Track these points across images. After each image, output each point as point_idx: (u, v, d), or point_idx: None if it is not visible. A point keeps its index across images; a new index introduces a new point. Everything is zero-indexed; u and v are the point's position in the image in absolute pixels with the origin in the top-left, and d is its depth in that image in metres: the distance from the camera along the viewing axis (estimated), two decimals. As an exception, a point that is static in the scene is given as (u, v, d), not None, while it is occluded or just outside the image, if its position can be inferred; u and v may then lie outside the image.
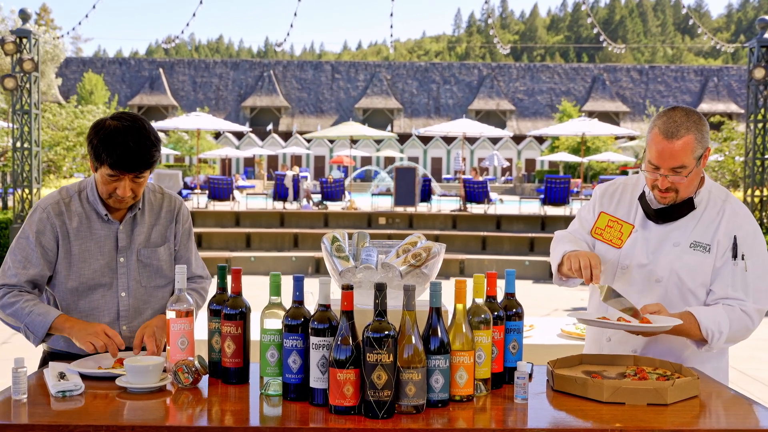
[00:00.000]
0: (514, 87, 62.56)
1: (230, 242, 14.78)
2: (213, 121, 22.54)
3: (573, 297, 11.51)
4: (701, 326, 2.35)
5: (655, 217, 2.54)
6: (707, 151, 2.43)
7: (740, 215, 2.49)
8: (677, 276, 2.47)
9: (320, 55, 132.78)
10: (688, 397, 2.12)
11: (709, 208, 2.52)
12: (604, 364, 2.39)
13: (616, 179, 2.76)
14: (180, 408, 2.06)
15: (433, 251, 2.39)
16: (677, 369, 2.28)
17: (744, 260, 2.42)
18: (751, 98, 12.14)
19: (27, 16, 12.66)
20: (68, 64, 59.10)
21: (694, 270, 2.46)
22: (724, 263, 2.43)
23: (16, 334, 7.32)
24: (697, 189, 2.51)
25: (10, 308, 2.52)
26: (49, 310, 2.51)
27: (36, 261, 2.57)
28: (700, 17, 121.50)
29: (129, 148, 2.44)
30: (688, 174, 2.40)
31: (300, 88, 62.60)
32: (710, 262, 2.45)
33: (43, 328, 2.47)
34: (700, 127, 2.40)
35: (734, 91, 60.04)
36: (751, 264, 2.42)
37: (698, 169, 2.43)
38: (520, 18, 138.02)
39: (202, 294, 2.82)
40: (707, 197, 2.53)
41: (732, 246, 2.43)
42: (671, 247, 2.50)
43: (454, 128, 21.75)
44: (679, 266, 2.47)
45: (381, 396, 1.91)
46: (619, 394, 2.06)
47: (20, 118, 12.30)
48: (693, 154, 2.38)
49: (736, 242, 2.43)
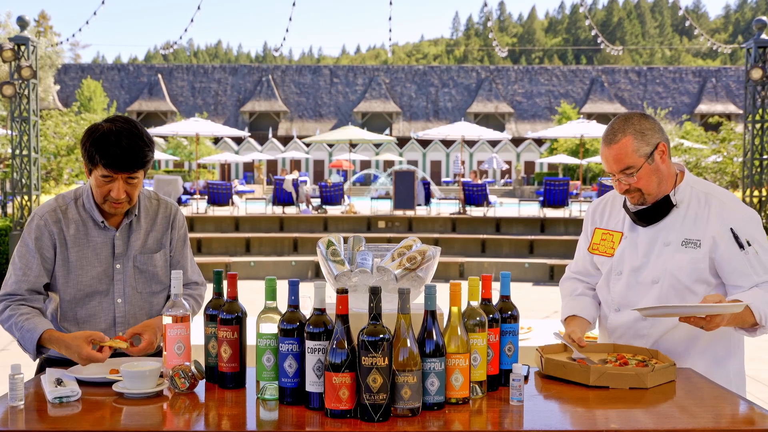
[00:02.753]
0: (513, 90, 62.65)
1: (230, 247, 14.78)
2: (212, 126, 22.53)
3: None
4: (754, 310, 2.34)
5: (639, 220, 2.58)
6: (661, 146, 2.48)
7: (728, 205, 2.51)
8: (672, 275, 2.50)
9: (319, 60, 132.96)
10: (666, 381, 2.26)
11: (693, 203, 2.54)
12: (587, 351, 2.49)
13: (606, 194, 2.83)
14: (177, 413, 2.06)
15: (428, 254, 2.40)
16: (654, 355, 2.39)
17: (751, 245, 2.43)
18: (749, 99, 12.16)
19: (25, 24, 12.67)
20: (67, 70, 59.18)
21: (688, 267, 2.48)
22: (733, 256, 2.44)
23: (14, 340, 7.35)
24: (674, 186, 2.55)
25: (7, 323, 2.54)
26: (37, 326, 2.48)
27: (36, 268, 2.57)
28: (697, 18, 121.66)
29: (122, 148, 2.45)
30: (637, 172, 2.47)
31: (299, 92, 62.68)
32: (703, 257, 2.47)
33: (32, 344, 2.47)
34: (639, 127, 2.47)
35: (732, 91, 60.11)
36: (758, 246, 2.44)
37: (653, 166, 2.48)
38: (518, 21, 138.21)
39: (198, 300, 2.83)
40: (689, 193, 2.56)
41: (733, 238, 2.44)
42: (662, 248, 2.53)
43: (453, 131, 21.76)
44: (672, 265, 2.50)
45: (376, 399, 1.91)
46: (604, 378, 2.19)
47: (19, 125, 12.32)
48: (636, 154, 2.46)
49: (735, 234, 2.44)
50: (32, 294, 2.58)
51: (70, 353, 2.40)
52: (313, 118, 61.06)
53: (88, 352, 2.37)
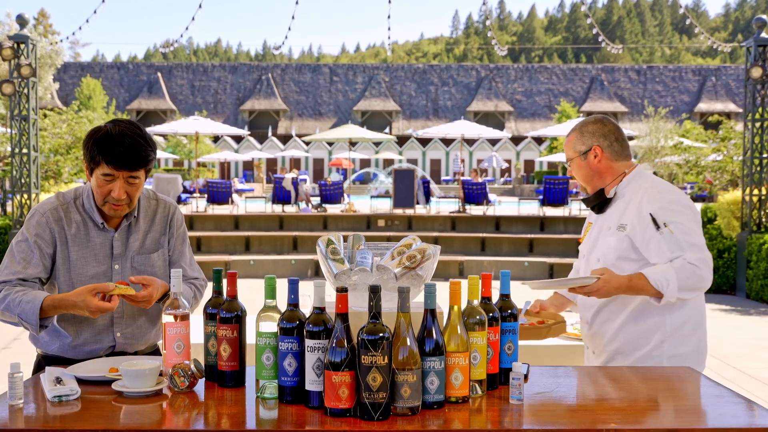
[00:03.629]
0: (513, 88, 62.62)
1: (229, 246, 14.78)
2: (211, 124, 22.52)
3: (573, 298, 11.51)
4: (650, 280, 2.61)
5: (590, 209, 3.01)
6: (596, 149, 2.87)
7: (652, 194, 2.79)
8: (604, 254, 2.85)
9: (318, 58, 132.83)
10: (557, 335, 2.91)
11: (634, 195, 2.84)
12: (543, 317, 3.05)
13: None
14: (176, 412, 2.06)
15: (427, 253, 2.39)
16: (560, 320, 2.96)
17: (667, 226, 2.69)
18: (748, 97, 12.15)
19: (24, 22, 12.66)
20: (66, 69, 59.12)
21: (613, 248, 2.81)
22: (651, 237, 2.71)
23: (16, 339, 7.34)
24: (618, 182, 2.89)
25: (2, 303, 2.47)
26: (37, 296, 2.45)
27: (36, 263, 2.56)
28: (697, 17, 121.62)
29: (125, 146, 2.47)
30: (571, 163, 2.96)
31: (298, 91, 62.65)
32: (624, 238, 2.78)
33: (35, 314, 2.41)
34: (585, 129, 2.92)
35: (732, 90, 60.09)
36: (675, 227, 2.69)
37: (584, 163, 2.90)
38: (517, 19, 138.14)
39: (199, 289, 2.81)
40: (632, 187, 2.88)
41: (652, 222, 2.71)
42: (606, 232, 2.89)
43: (453, 130, 21.75)
44: (605, 246, 2.86)
45: (376, 398, 1.91)
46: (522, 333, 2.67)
47: (18, 123, 12.31)
48: (574, 149, 2.94)
49: (653, 218, 2.71)
50: (27, 283, 2.55)
51: (78, 309, 2.39)
52: (313, 116, 61.04)
53: (96, 303, 2.36)
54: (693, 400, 2.16)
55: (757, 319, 10.03)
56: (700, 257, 2.64)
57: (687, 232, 2.69)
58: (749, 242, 11.72)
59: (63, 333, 2.59)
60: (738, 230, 12.31)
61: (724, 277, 12.36)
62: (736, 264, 12.18)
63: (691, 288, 2.62)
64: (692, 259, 2.62)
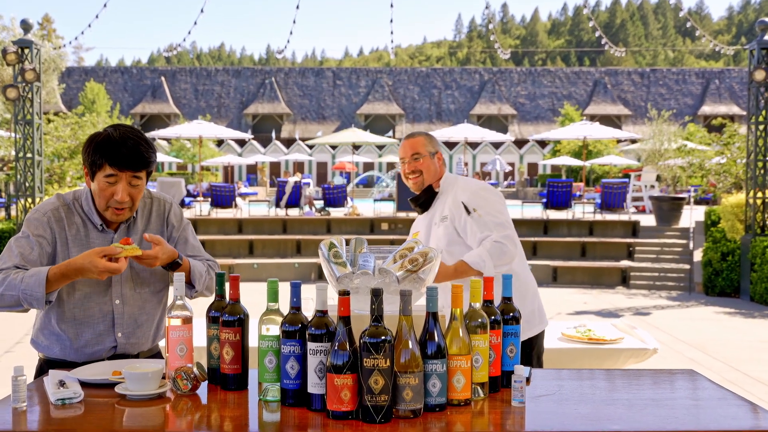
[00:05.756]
0: (516, 91, 62.58)
1: (233, 249, 14.80)
2: (215, 128, 22.54)
3: (576, 301, 11.50)
4: (470, 264, 3.07)
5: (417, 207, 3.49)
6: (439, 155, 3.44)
7: (463, 186, 3.34)
8: (437, 244, 3.30)
9: (322, 62, 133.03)
10: None
11: (448, 190, 3.38)
12: None
13: None
14: (179, 415, 2.07)
15: (429, 256, 2.40)
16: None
17: (476, 211, 3.22)
18: (752, 100, 12.14)
19: (29, 27, 12.71)
20: (70, 73, 59.26)
21: (443, 236, 3.31)
22: (466, 222, 3.23)
23: (18, 342, 7.34)
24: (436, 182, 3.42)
25: (2, 285, 2.43)
26: (40, 269, 2.43)
27: (35, 259, 2.54)
28: (700, 20, 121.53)
29: (128, 147, 2.50)
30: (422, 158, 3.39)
31: (302, 94, 62.69)
32: (449, 225, 3.28)
33: (41, 286, 2.38)
34: (426, 136, 3.44)
35: (736, 93, 59.97)
36: (483, 211, 3.22)
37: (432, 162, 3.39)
38: (521, 22, 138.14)
39: (211, 266, 2.80)
40: (446, 184, 3.41)
41: (464, 208, 3.24)
42: (434, 227, 3.39)
43: (456, 133, 21.75)
44: (435, 238, 3.35)
45: (378, 401, 1.92)
46: None
47: (23, 127, 12.35)
48: (425, 148, 3.40)
49: (465, 205, 3.24)
50: None
51: (86, 272, 2.38)
52: (316, 120, 61.07)
53: (104, 264, 2.36)
54: (695, 402, 2.16)
55: (761, 322, 10.01)
56: (505, 234, 3.16)
57: (493, 213, 3.22)
58: (753, 245, 11.70)
59: (63, 336, 2.60)
60: (742, 233, 12.28)
61: (728, 280, 12.32)
62: (740, 267, 12.15)
63: (503, 263, 3.13)
64: (498, 237, 3.14)
